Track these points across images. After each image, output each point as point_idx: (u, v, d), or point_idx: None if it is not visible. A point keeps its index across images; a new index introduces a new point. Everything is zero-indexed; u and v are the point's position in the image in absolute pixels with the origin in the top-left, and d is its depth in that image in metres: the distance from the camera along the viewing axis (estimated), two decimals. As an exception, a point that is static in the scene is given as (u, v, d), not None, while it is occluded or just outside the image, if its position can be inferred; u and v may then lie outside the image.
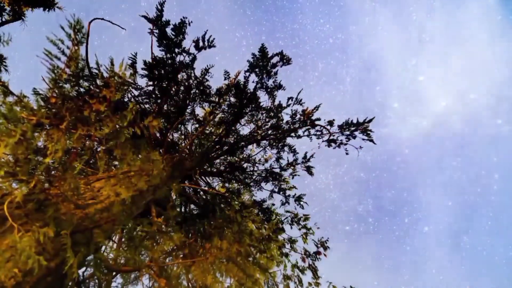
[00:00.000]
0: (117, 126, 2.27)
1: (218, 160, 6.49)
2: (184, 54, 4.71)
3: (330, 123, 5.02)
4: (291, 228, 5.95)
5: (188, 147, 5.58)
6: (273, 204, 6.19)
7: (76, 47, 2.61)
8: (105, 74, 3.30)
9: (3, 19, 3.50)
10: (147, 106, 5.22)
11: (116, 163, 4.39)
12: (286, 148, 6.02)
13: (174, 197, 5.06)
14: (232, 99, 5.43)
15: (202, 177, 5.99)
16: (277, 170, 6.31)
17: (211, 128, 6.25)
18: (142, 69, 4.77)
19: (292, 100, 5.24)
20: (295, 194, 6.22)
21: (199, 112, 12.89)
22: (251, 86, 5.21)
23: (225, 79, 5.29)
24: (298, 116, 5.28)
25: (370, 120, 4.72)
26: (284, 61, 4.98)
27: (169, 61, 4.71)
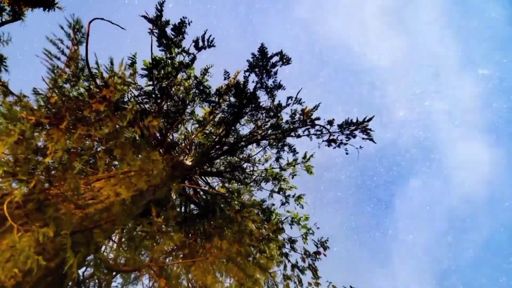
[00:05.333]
0: (117, 126, 2.27)
1: (218, 160, 6.49)
2: (184, 54, 4.71)
3: (330, 122, 5.03)
4: (291, 228, 5.95)
5: (188, 147, 5.58)
6: (273, 204, 6.20)
7: (75, 47, 2.60)
8: (105, 74, 3.30)
9: (3, 19, 3.50)
10: (147, 106, 5.23)
11: (116, 163, 4.39)
12: (286, 148, 6.02)
13: (174, 197, 5.06)
14: (232, 99, 5.43)
15: (202, 177, 5.99)
16: (277, 170, 6.31)
17: (211, 128, 6.25)
18: (142, 69, 4.77)
19: (291, 100, 5.25)
20: (295, 194, 6.22)
21: (199, 112, 12.88)
22: (251, 86, 5.22)
23: (224, 79, 5.29)
24: (298, 115, 5.28)
25: (370, 119, 4.72)
26: (284, 60, 4.98)
27: (169, 61, 4.71)
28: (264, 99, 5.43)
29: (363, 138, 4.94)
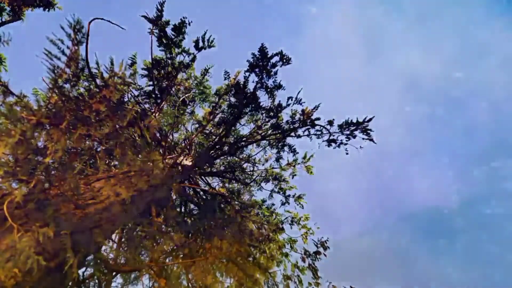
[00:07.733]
0: (117, 126, 2.27)
1: (218, 160, 6.49)
2: (184, 54, 4.71)
3: (330, 122, 5.02)
4: (291, 228, 5.95)
5: (188, 147, 5.58)
6: (273, 204, 6.20)
7: (76, 47, 2.60)
8: (105, 74, 3.30)
9: (3, 19, 3.50)
10: (147, 106, 5.22)
11: (116, 163, 4.39)
12: (286, 148, 6.01)
13: (174, 197, 5.06)
14: (232, 99, 5.42)
15: (202, 177, 5.99)
16: (277, 170, 6.31)
17: (211, 128, 6.25)
18: (142, 69, 4.77)
19: (292, 100, 5.24)
20: (295, 194, 6.22)
21: (199, 112, 12.86)
22: (251, 86, 5.21)
23: (225, 79, 5.29)
24: (298, 115, 5.27)
25: (370, 119, 4.72)
26: (284, 61, 4.97)
27: (169, 61, 4.71)
28: (264, 99, 5.42)
29: (363, 138, 4.94)
